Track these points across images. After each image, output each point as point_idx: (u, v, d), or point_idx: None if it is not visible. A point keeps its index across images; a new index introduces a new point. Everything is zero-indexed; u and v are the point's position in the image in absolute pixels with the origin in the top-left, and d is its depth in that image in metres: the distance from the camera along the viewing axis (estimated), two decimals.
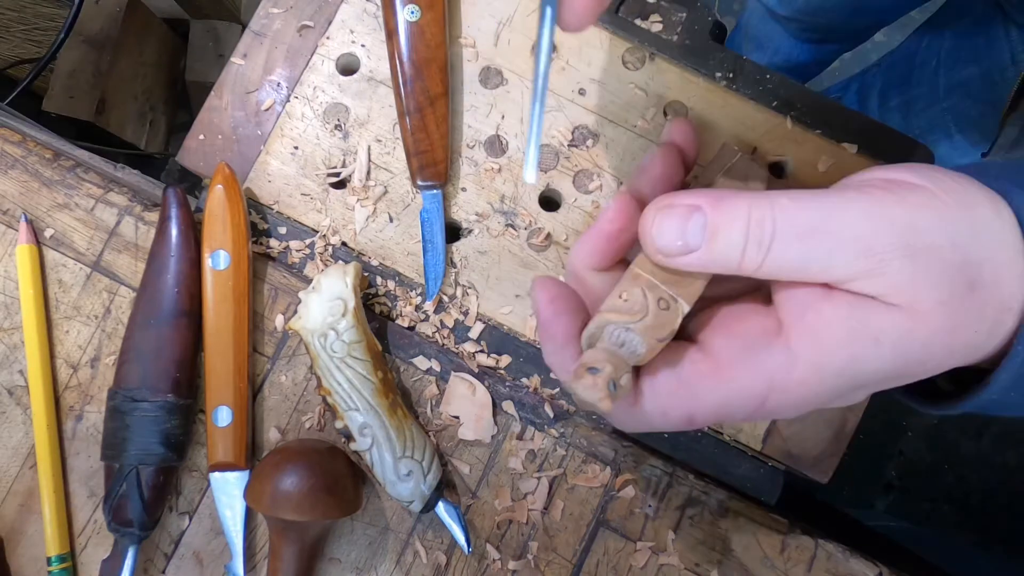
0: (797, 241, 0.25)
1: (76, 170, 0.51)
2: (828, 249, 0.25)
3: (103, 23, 1.12)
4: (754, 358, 0.27)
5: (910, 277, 0.25)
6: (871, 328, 0.25)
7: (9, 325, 0.50)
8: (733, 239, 0.25)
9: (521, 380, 0.50)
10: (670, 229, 0.26)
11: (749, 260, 0.26)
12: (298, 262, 0.51)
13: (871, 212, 0.25)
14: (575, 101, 0.52)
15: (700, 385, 0.28)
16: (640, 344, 0.27)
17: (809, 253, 0.25)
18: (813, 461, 0.50)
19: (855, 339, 0.26)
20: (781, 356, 0.27)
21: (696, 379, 0.28)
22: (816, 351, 0.26)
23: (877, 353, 0.26)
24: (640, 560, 0.48)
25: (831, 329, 0.26)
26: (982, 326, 0.26)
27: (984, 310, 0.26)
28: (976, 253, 0.26)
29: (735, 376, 0.27)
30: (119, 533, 0.45)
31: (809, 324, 0.26)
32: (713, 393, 0.27)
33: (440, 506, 0.46)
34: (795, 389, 0.27)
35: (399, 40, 0.48)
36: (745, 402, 0.27)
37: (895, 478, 1.49)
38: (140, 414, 0.45)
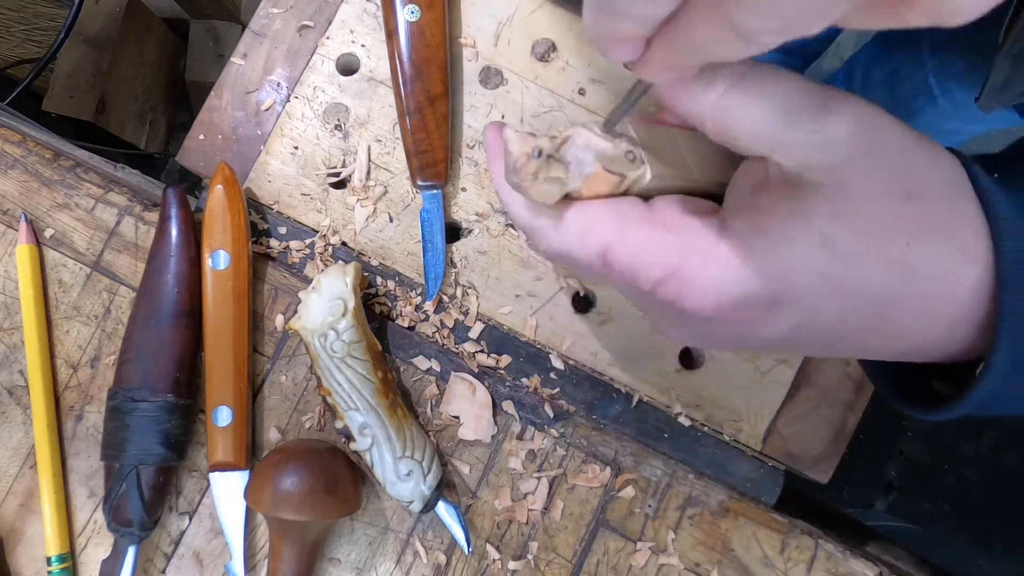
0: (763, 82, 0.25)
1: (76, 170, 0.51)
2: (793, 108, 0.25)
3: (103, 23, 1.12)
4: (688, 219, 0.27)
5: (852, 153, 0.25)
6: (802, 206, 0.25)
7: (9, 325, 0.50)
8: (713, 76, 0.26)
9: (521, 380, 0.50)
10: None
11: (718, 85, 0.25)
12: (298, 262, 0.51)
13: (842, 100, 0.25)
14: (575, 101, 0.52)
15: (629, 222, 0.27)
16: (589, 164, 0.27)
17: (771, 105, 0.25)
18: (813, 461, 0.50)
19: (787, 215, 0.25)
20: (713, 223, 0.26)
21: (627, 215, 0.27)
22: (747, 226, 0.26)
23: (807, 230, 0.25)
24: (640, 560, 0.48)
25: (764, 206, 0.26)
26: (917, 243, 0.25)
27: (919, 225, 0.25)
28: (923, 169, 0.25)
29: (664, 223, 0.27)
30: (119, 533, 0.45)
31: (744, 203, 0.26)
32: (638, 233, 0.27)
33: (440, 506, 0.46)
34: (717, 258, 0.26)
35: (399, 40, 0.48)
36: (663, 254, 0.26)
37: (895, 478, 1.49)
38: (140, 414, 0.45)
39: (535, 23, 0.52)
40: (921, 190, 0.25)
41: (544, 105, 0.52)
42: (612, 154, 0.27)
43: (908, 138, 0.26)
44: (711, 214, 0.27)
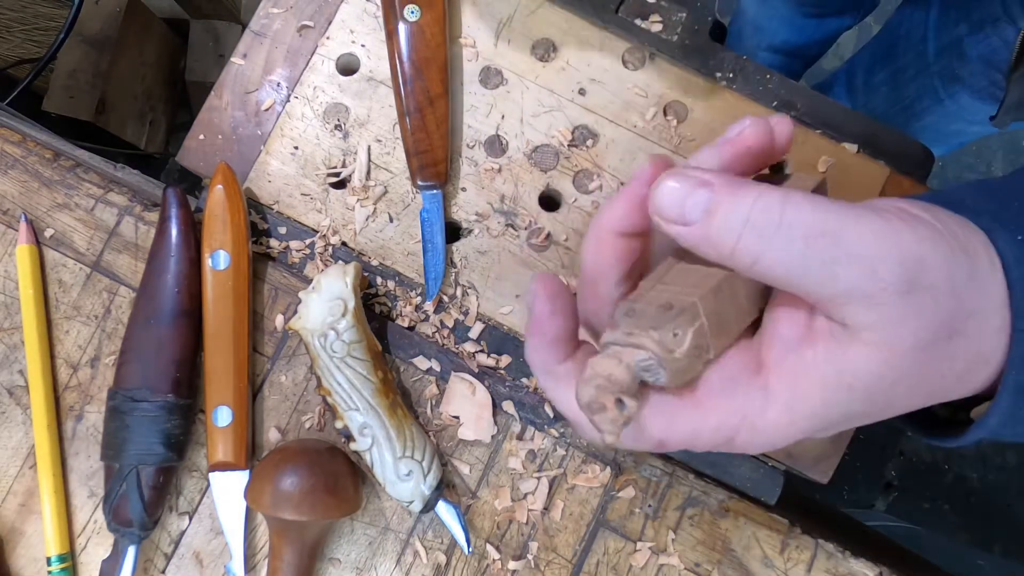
0: (802, 241, 0.24)
1: (76, 170, 0.51)
2: (833, 258, 0.24)
3: (103, 23, 1.12)
4: (731, 394, 0.27)
5: (900, 315, 0.24)
6: (846, 373, 0.26)
7: (9, 325, 0.50)
8: (731, 223, 0.24)
9: (521, 380, 0.50)
10: (672, 194, 0.25)
11: (744, 249, 0.24)
12: (298, 262, 0.51)
13: (884, 235, 0.24)
14: (575, 101, 0.52)
15: (677, 413, 0.28)
16: (662, 380, 0.26)
17: (811, 257, 0.24)
18: (813, 461, 0.50)
19: (830, 386, 0.26)
20: (758, 396, 0.27)
21: (674, 407, 0.28)
22: (791, 395, 0.26)
23: (849, 398, 0.26)
24: (640, 560, 0.48)
25: (808, 374, 0.26)
26: (950, 375, 0.26)
27: (955, 360, 0.26)
28: (969, 303, 0.25)
29: (711, 408, 0.28)
30: (119, 533, 0.45)
31: (788, 368, 0.27)
32: (688, 423, 0.28)
33: (440, 506, 0.46)
34: (766, 429, 0.27)
35: (399, 40, 0.48)
36: (716, 435, 0.28)
37: (895, 478, 1.49)
38: (140, 414, 0.45)
39: (535, 23, 0.52)
40: (967, 326, 0.25)
41: (544, 105, 0.52)
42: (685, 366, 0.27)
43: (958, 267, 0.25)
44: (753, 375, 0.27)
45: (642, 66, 0.52)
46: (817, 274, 0.24)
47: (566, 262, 0.51)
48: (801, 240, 0.24)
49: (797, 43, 1.09)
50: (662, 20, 0.53)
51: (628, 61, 0.52)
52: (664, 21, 0.53)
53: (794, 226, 0.24)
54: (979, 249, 0.26)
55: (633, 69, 0.52)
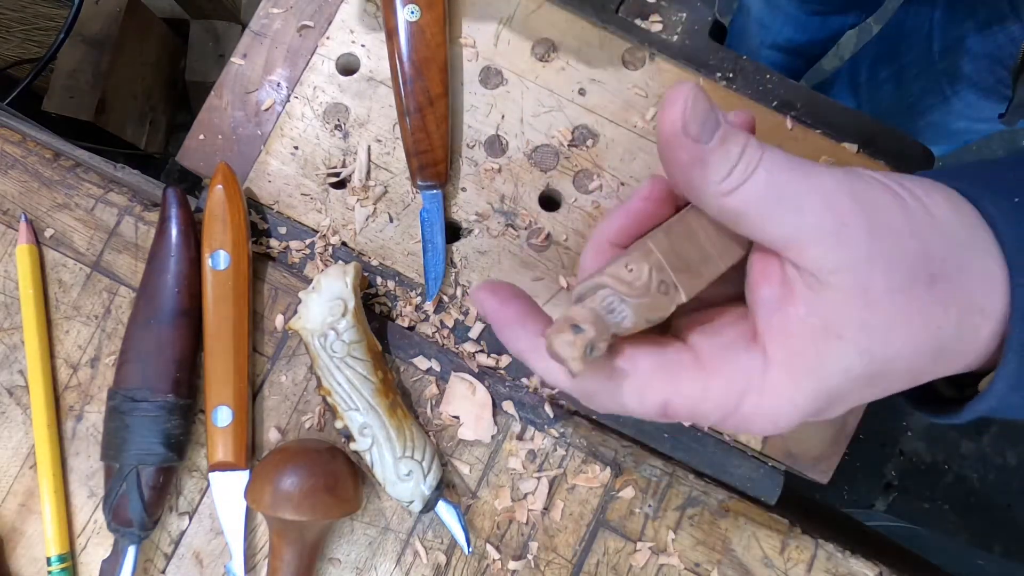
0: (778, 173, 0.26)
1: (76, 170, 0.51)
2: (801, 192, 0.25)
3: (103, 23, 1.12)
4: (732, 356, 0.28)
5: (866, 253, 0.25)
6: (828, 321, 0.26)
7: (9, 325, 0.50)
8: (731, 151, 0.26)
9: (521, 380, 0.50)
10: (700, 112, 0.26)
11: (732, 178, 0.26)
12: (298, 262, 0.51)
13: (843, 183, 0.26)
14: (575, 101, 0.52)
15: (681, 374, 0.28)
16: (629, 317, 0.27)
17: (784, 189, 0.26)
18: (813, 461, 0.50)
19: (819, 337, 0.26)
20: (758, 359, 0.27)
21: (678, 368, 0.28)
22: (786, 353, 0.27)
23: (841, 349, 0.26)
24: (640, 560, 0.48)
25: (796, 330, 0.27)
26: (946, 323, 0.26)
27: (947, 306, 0.26)
28: (936, 249, 0.26)
29: (714, 372, 0.28)
30: (119, 533, 0.45)
31: (777, 328, 0.27)
32: (692, 383, 0.28)
33: (440, 506, 0.46)
34: (769, 392, 0.27)
35: (399, 40, 0.48)
36: (721, 400, 0.28)
37: (895, 478, 1.49)
38: (140, 414, 0.45)
39: (535, 23, 0.52)
40: (944, 269, 0.26)
41: (544, 105, 0.52)
42: (648, 303, 0.28)
43: (920, 216, 0.26)
44: (751, 342, 0.28)
45: (642, 66, 0.52)
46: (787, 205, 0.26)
47: (566, 262, 0.51)
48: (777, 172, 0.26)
49: (801, 41, 1.09)
50: (662, 20, 0.53)
51: (628, 61, 0.52)
52: (664, 21, 0.53)
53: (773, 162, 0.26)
54: (939, 200, 0.27)
55: (633, 69, 0.52)
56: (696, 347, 0.29)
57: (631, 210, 0.30)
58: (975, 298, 0.26)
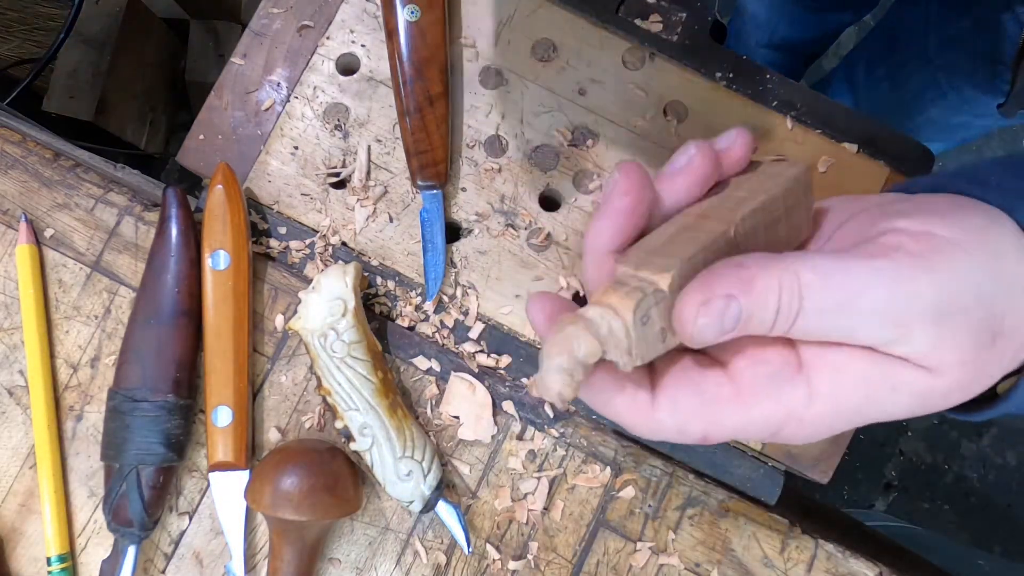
0: (821, 316, 0.26)
1: (76, 170, 0.51)
2: (853, 323, 0.26)
3: (103, 23, 1.12)
4: (776, 389, 0.28)
5: (935, 343, 0.25)
6: (890, 377, 0.26)
7: (9, 325, 0.50)
8: (765, 318, 0.26)
9: (521, 380, 0.50)
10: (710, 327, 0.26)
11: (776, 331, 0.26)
12: (298, 262, 0.51)
13: (898, 284, 0.25)
14: (575, 101, 0.52)
15: (722, 409, 0.28)
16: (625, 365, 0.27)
17: (833, 326, 0.26)
18: (813, 461, 0.50)
19: (873, 383, 0.26)
20: (801, 391, 0.27)
21: (718, 402, 0.28)
22: (834, 390, 0.27)
23: (894, 399, 0.26)
24: (640, 560, 0.48)
25: (850, 370, 0.27)
26: (999, 371, 0.27)
27: (1003, 358, 0.27)
28: (1000, 304, 0.26)
29: (756, 404, 0.28)
30: (119, 533, 0.45)
31: (829, 363, 0.27)
32: (732, 417, 0.28)
33: (440, 506, 0.46)
34: (810, 421, 0.27)
35: (399, 40, 0.48)
36: (761, 429, 0.28)
37: (895, 478, 1.49)
38: (140, 414, 0.45)
39: (535, 23, 0.52)
40: (1004, 326, 0.26)
41: (544, 105, 0.52)
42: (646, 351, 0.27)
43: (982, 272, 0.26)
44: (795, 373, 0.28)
45: (642, 66, 0.52)
46: (843, 334, 0.26)
47: (566, 262, 0.51)
48: (820, 315, 0.26)
49: (797, 39, 1.08)
50: (662, 20, 0.53)
51: (628, 61, 0.52)
52: (664, 21, 0.53)
53: (812, 308, 0.26)
54: (1007, 246, 0.27)
55: (633, 69, 0.52)
56: (737, 375, 0.28)
57: (615, 210, 0.29)
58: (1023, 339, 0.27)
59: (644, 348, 0.26)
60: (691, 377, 0.29)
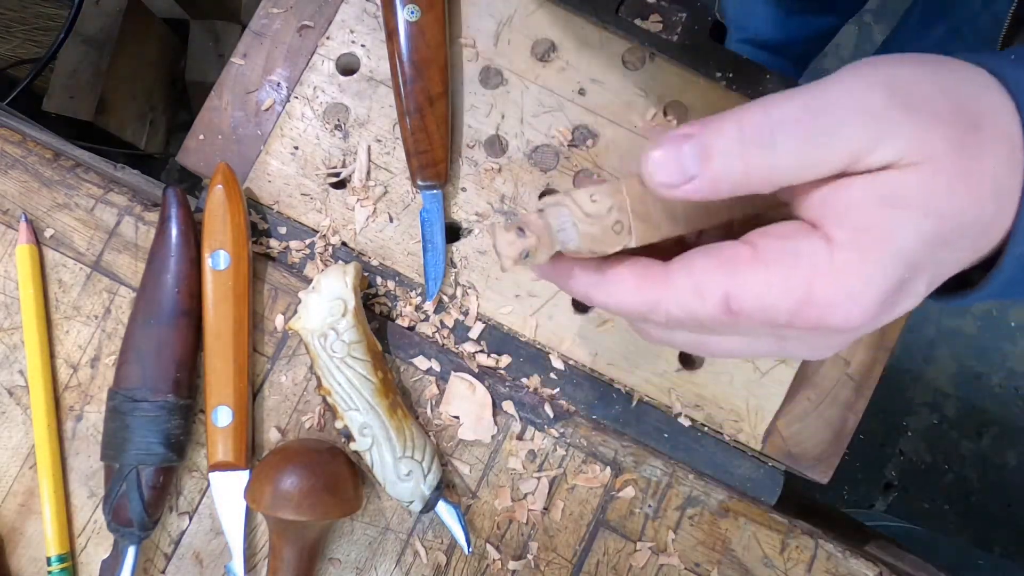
0: (800, 125, 0.25)
1: (76, 170, 0.51)
2: (830, 123, 0.25)
3: (103, 23, 1.12)
4: (792, 245, 0.26)
5: (915, 128, 0.25)
6: (896, 194, 0.25)
7: (9, 325, 0.50)
8: (729, 148, 0.25)
9: (521, 380, 0.50)
10: (666, 161, 0.26)
11: (756, 166, 0.25)
12: (298, 262, 0.51)
13: (855, 82, 0.25)
14: (575, 101, 0.52)
15: (741, 265, 0.27)
16: (574, 241, 0.28)
17: (814, 135, 0.25)
18: (813, 461, 0.50)
19: (885, 209, 0.25)
20: (819, 241, 0.26)
21: (735, 262, 0.27)
22: (848, 230, 0.25)
23: (911, 218, 0.25)
24: (640, 560, 0.48)
25: (859, 208, 0.25)
26: (1002, 165, 0.25)
27: (996, 146, 0.25)
28: (965, 94, 0.26)
29: (776, 262, 0.26)
30: (119, 533, 0.45)
31: (837, 210, 0.26)
32: (754, 274, 0.26)
33: (440, 506, 0.46)
34: (840, 273, 0.25)
35: (399, 40, 0.48)
36: (789, 288, 0.26)
37: (895, 478, 1.49)
38: (140, 414, 0.45)
39: (535, 23, 0.52)
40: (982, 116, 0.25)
41: (544, 105, 0.52)
42: (597, 233, 0.28)
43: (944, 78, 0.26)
44: (809, 233, 0.27)
45: (642, 66, 0.52)
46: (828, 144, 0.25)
47: None
48: (799, 125, 0.25)
49: (777, 39, 1.07)
50: (662, 20, 0.53)
51: (628, 61, 0.52)
52: (664, 21, 0.53)
53: (784, 121, 0.25)
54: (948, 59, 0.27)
55: (633, 69, 0.52)
56: (753, 243, 0.27)
57: None
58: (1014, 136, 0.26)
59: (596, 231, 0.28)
60: (706, 248, 0.28)
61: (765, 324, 0.27)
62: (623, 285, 0.29)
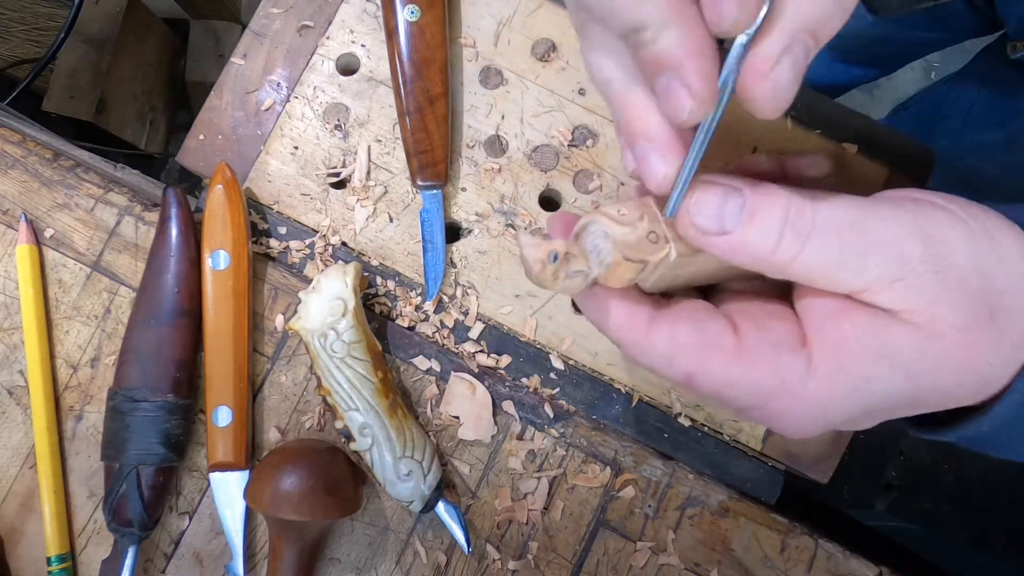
0: (835, 235, 0.25)
1: (76, 170, 0.51)
2: (864, 249, 0.25)
3: (103, 23, 1.12)
4: (775, 356, 0.27)
5: (936, 294, 0.25)
6: (888, 348, 0.26)
7: (9, 325, 0.50)
8: (770, 225, 0.25)
9: (521, 380, 0.50)
10: (708, 205, 0.26)
11: (783, 251, 0.25)
12: (298, 262, 0.51)
13: (904, 221, 0.25)
14: (575, 101, 0.52)
15: (717, 355, 0.27)
16: (608, 254, 0.27)
17: (845, 250, 0.25)
18: (813, 461, 0.50)
19: (871, 358, 0.26)
20: (800, 362, 0.27)
21: (716, 348, 0.27)
22: (833, 365, 0.26)
23: (891, 375, 0.26)
24: (640, 560, 0.48)
25: (849, 346, 0.26)
26: (998, 358, 0.26)
27: (1002, 342, 0.26)
28: (999, 281, 0.26)
29: (753, 364, 0.27)
30: (119, 533, 0.45)
31: (829, 339, 0.27)
32: (725, 369, 0.27)
33: (440, 506, 0.46)
34: (805, 397, 0.27)
35: (399, 40, 0.48)
36: (751, 390, 0.27)
37: (895, 478, 1.49)
38: (140, 414, 0.45)
39: (535, 23, 0.52)
40: (1004, 304, 0.26)
41: (544, 105, 0.52)
42: (632, 240, 0.27)
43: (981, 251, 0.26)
44: (799, 346, 0.27)
45: None
46: (852, 265, 0.25)
47: None
48: (835, 235, 0.25)
49: (819, 84, 1.08)
50: None
51: None
52: None
53: (827, 224, 0.25)
54: (1002, 228, 0.27)
55: None
56: (742, 335, 0.28)
57: None
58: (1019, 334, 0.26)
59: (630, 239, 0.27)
60: (698, 316, 0.28)
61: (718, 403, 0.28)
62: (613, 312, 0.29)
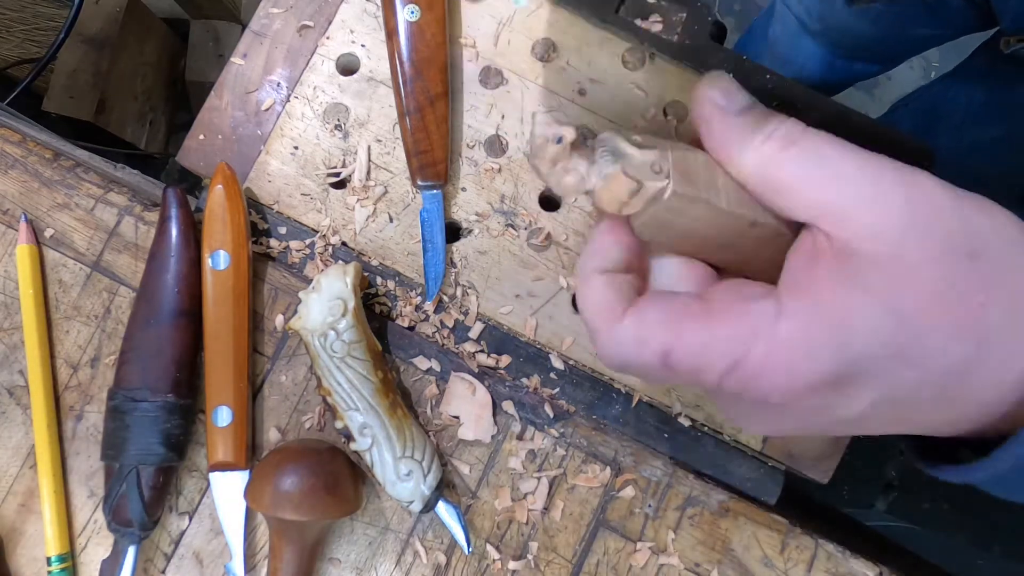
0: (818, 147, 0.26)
1: (76, 170, 0.51)
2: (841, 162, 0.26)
3: (103, 23, 1.12)
4: (743, 305, 0.26)
5: (907, 220, 0.24)
6: (859, 275, 0.24)
7: (9, 325, 0.50)
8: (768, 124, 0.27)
9: (521, 380, 0.50)
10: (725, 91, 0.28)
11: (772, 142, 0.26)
12: (298, 262, 0.51)
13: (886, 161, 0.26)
14: (575, 101, 0.52)
15: (686, 322, 0.26)
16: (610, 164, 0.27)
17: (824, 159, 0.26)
18: (813, 461, 0.50)
19: (843, 288, 0.24)
20: (769, 306, 0.25)
21: (684, 316, 0.27)
22: (802, 302, 0.25)
23: (866, 302, 0.24)
24: (640, 560, 0.48)
25: (820, 283, 0.25)
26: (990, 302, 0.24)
27: (991, 285, 0.24)
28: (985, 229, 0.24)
29: (723, 318, 0.26)
30: (119, 533, 0.45)
31: (800, 280, 0.26)
32: (697, 332, 0.26)
33: (440, 506, 0.46)
34: (781, 339, 0.25)
35: (399, 40, 0.48)
36: (725, 348, 0.25)
37: (895, 478, 1.49)
38: (140, 414, 0.45)
39: (535, 23, 0.52)
40: (987, 250, 0.24)
41: (544, 105, 0.52)
42: (637, 161, 0.27)
43: (964, 200, 0.25)
44: (767, 296, 0.26)
45: (642, 66, 0.52)
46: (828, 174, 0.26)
47: (566, 262, 0.51)
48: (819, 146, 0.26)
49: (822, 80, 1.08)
50: (662, 20, 0.53)
51: (628, 61, 0.52)
52: (664, 21, 0.53)
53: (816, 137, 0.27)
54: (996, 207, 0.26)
55: (633, 69, 0.52)
56: (710, 296, 0.27)
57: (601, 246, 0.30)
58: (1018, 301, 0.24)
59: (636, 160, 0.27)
60: (664, 295, 0.28)
61: (699, 383, 0.27)
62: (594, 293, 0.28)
